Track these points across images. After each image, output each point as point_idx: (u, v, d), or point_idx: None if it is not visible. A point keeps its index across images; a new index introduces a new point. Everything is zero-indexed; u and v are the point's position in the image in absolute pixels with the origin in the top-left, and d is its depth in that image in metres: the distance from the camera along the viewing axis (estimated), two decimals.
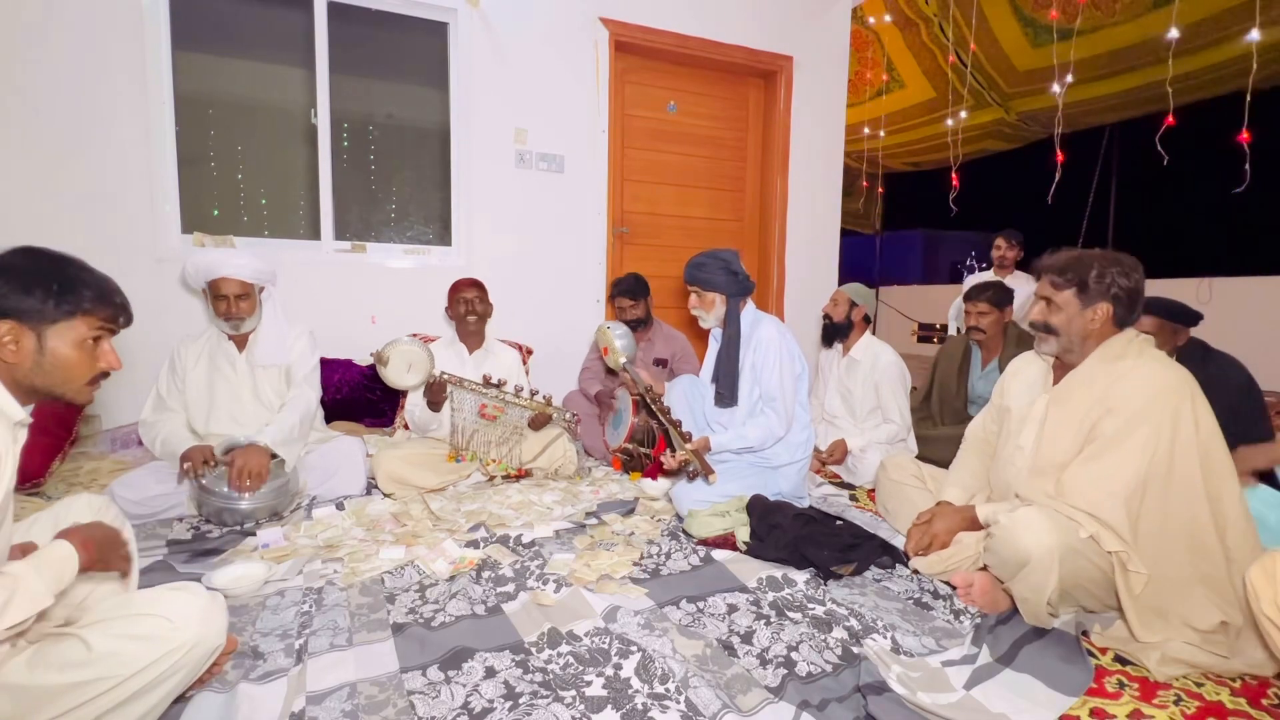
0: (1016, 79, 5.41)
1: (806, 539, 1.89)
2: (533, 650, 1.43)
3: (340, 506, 2.30)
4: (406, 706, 1.24)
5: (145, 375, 2.62)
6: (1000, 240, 4.34)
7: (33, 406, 1.12)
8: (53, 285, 1.07)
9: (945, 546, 1.79)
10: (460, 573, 1.81)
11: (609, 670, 1.36)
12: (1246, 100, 3.39)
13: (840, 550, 1.86)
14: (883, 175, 7.39)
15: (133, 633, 1.03)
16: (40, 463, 2.37)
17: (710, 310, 2.38)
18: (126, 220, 2.91)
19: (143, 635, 1.03)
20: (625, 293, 3.19)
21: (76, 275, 1.11)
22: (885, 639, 1.50)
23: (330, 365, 3.03)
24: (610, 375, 3.23)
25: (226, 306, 2.31)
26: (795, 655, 1.42)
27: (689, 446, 2.15)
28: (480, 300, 2.86)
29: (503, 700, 1.26)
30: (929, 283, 12.37)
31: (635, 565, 1.88)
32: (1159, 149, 3.72)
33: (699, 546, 2.04)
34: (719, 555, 1.96)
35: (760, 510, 2.06)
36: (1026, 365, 1.84)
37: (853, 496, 2.64)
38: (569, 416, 2.54)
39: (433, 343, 2.84)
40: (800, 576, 1.80)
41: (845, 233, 5.16)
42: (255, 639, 1.45)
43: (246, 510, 2.11)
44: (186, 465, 2.11)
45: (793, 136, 4.21)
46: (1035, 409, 1.71)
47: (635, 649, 1.43)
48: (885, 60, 5.89)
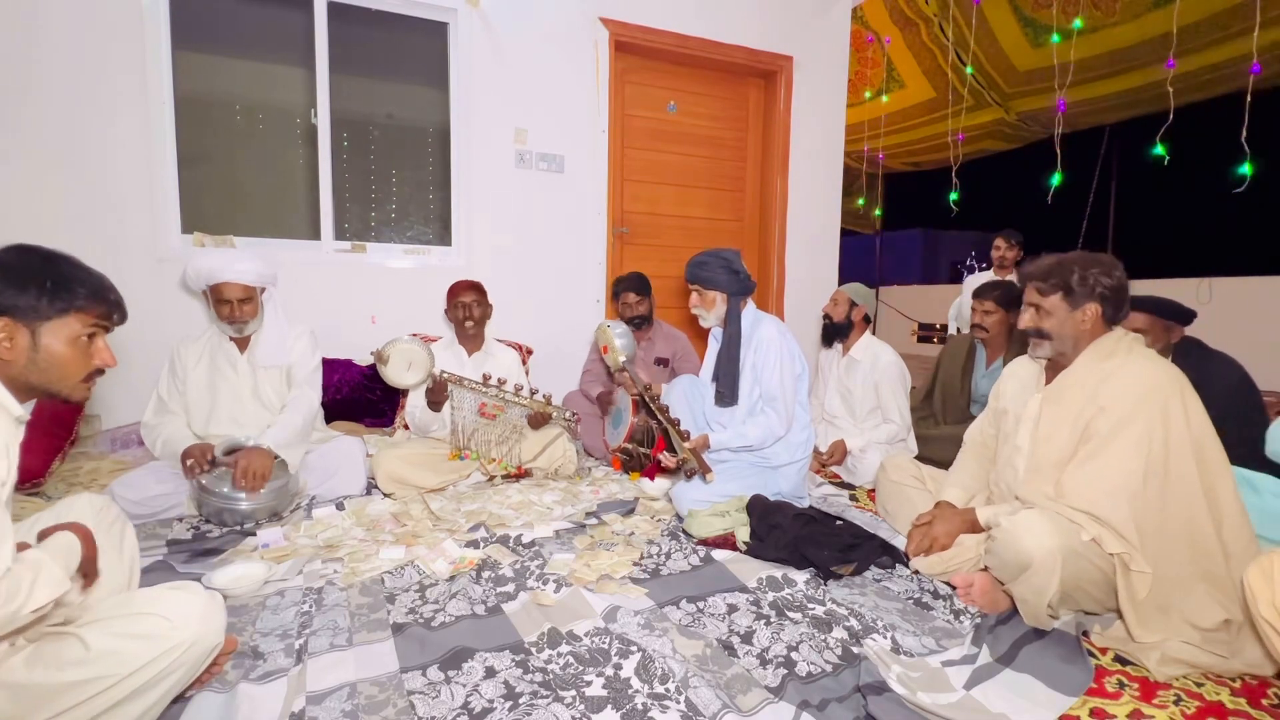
0: (1016, 79, 5.41)
1: (806, 539, 1.89)
2: (533, 650, 1.43)
3: (340, 506, 2.30)
4: (406, 706, 1.24)
5: (145, 375, 2.62)
6: (1000, 240, 4.33)
7: (32, 404, 1.12)
8: (46, 282, 1.07)
9: (946, 549, 1.79)
10: (460, 573, 1.80)
11: (609, 670, 1.36)
12: (1246, 100, 3.39)
13: (840, 550, 1.86)
14: (883, 175, 7.39)
15: (131, 631, 1.03)
16: (40, 463, 2.37)
17: (711, 309, 2.38)
18: (126, 220, 2.91)
19: (141, 634, 1.03)
20: (632, 288, 3.21)
21: (70, 272, 1.11)
22: (885, 639, 1.50)
23: (330, 365, 3.03)
24: (613, 376, 3.23)
25: (230, 311, 2.30)
26: (795, 655, 1.42)
27: (688, 446, 2.15)
28: (478, 304, 2.84)
29: (503, 700, 1.26)
30: (929, 283, 12.37)
31: (635, 565, 1.88)
32: (1159, 149, 3.72)
33: (699, 546, 2.04)
34: (719, 555, 1.96)
35: (760, 510, 2.06)
36: (1020, 367, 1.86)
37: (853, 496, 2.64)
38: (569, 415, 2.54)
39: (433, 344, 2.84)
40: (800, 576, 1.80)
41: (845, 233, 5.17)
42: (255, 639, 1.45)
43: (246, 510, 2.11)
44: (189, 462, 2.11)
45: (793, 136, 4.21)
46: (1029, 409, 1.72)
47: (635, 649, 1.43)
48: (885, 60, 5.89)
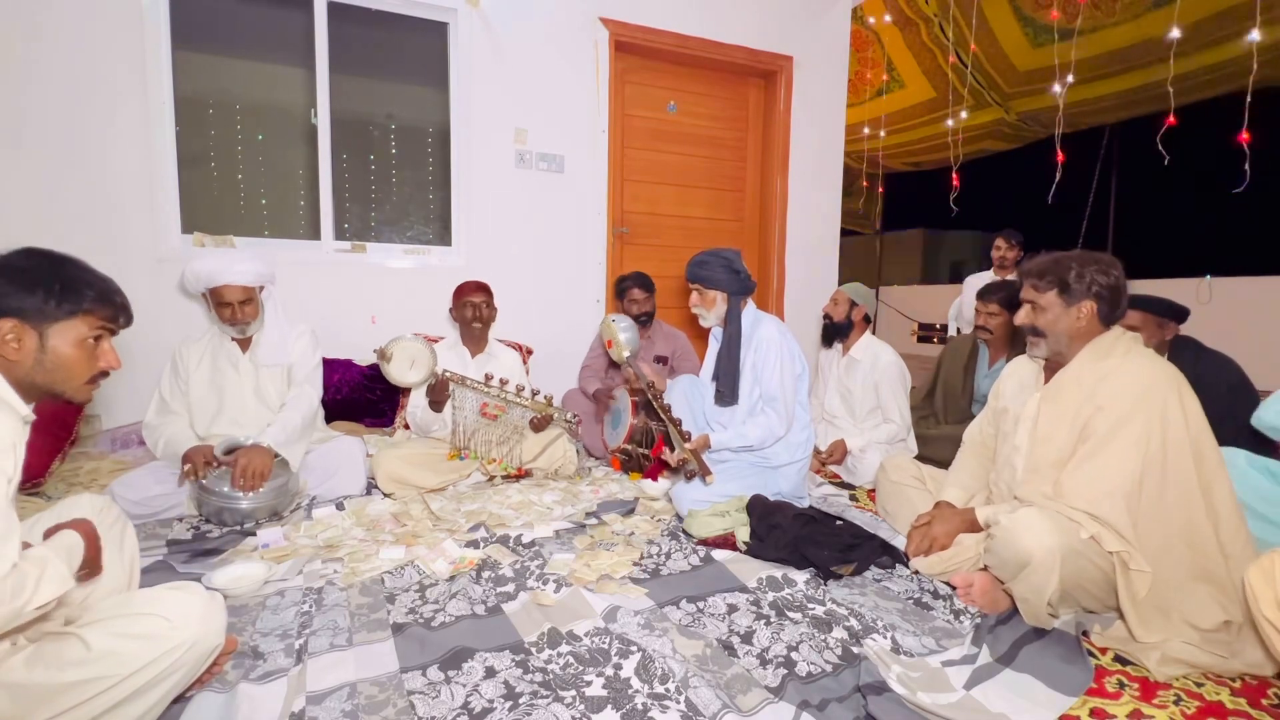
0: (1016, 79, 5.41)
1: (806, 539, 1.89)
2: (533, 650, 1.43)
3: (340, 506, 2.30)
4: (406, 706, 1.24)
5: (145, 375, 2.62)
6: (1000, 240, 4.32)
7: (34, 405, 1.12)
8: (55, 285, 1.08)
9: (945, 549, 1.79)
10: (460, 573, 1.80)
11: (609, 670, 1.36)
12: (1247, 100, 3.39)
13: (840, 550, 1.86)
14: (883, 175, 7.39)
15: (131, 632, 1.04)
16: (40, 463, 2.37)
17: (711, 308, 2.38)
18: (126, 220, 2.91)
19: (141, 634, 1.04)
20: (639, 284, 3.23)
21: (78, 275, 1.13)
22: (885, 639, 1.50)
23: (330, 365, 3.02)
24: (611, 370, 3.23)
25: (231, 313, 2.29)
26: (795, 655, 1.42)
27: (688, 446, 2.15)
28: (487, 305, 2.84)
29: (503, 700, 1.26)
30: (929, 283, 12.38)
31: (635, 565, 1.88)
32: (1159, 149, 3.72)
33: (699, 546, 2.03)
34: (719, 555, 1.96)
35: (760, 510, 2.06)
36: (1020, 367, 1.86)
37: (853, 496, 2.64)
38: (570, 417, 2.54)
39: (436, 344, 2.84)
40: (800, 576, 1.80)
41: (845, 233, 5.17)
42: (255, 639, 1.45)
43: (246, 510, 2.11)
44: (188, 467, 2.11)
45: (793, 136, 4.21)
46: (1028, 408, 1.72)
47: (635, 649, 1.43)
48: (885, 60, 5.89)
